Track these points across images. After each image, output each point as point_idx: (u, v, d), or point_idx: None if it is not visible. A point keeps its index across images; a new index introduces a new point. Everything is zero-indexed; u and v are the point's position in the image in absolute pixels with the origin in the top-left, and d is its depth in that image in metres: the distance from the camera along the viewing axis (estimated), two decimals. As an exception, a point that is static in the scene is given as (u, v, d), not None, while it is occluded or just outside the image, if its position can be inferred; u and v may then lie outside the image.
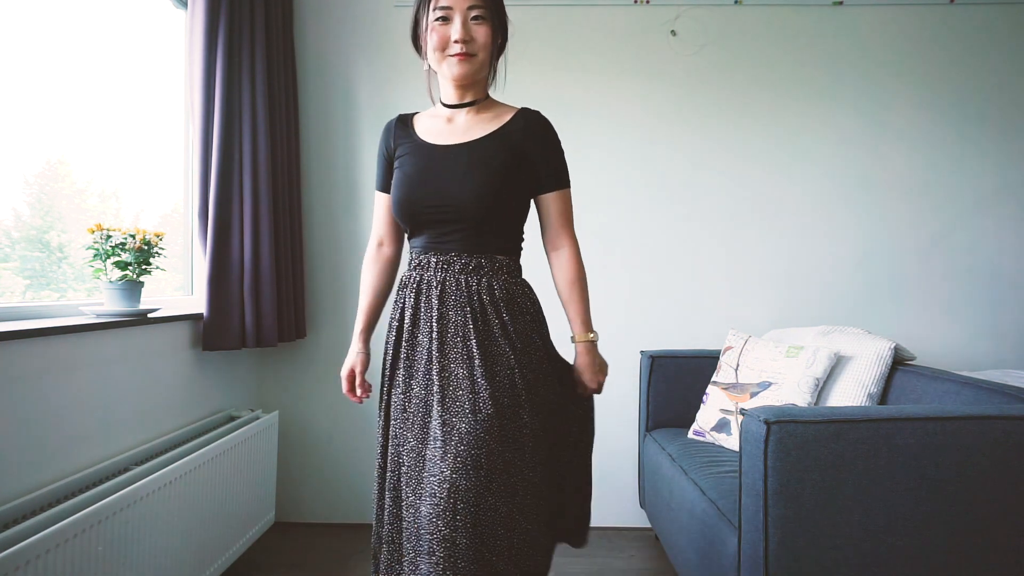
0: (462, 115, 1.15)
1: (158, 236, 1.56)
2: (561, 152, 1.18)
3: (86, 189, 1.65)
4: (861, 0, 2.20)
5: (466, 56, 1.07)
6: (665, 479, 1.72)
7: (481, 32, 1.08)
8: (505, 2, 1.45)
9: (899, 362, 1.65)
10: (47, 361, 1.25)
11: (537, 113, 1.17)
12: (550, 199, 1.17)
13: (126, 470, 1.40)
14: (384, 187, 1.22)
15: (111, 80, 1.69)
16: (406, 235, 1.21)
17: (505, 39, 1.18)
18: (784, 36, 2.22)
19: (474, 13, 1.07)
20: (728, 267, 2.23)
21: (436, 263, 1.11)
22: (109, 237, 1.46)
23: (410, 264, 1.17)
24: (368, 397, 1.24)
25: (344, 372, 1.22)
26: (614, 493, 2.22)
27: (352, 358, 1.22)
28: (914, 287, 2.22)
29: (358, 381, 1.22)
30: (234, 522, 1.71)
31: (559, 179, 1.17)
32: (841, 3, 2.21)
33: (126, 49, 1.76)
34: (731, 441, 1.73)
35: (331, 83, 2.25)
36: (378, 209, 1.25)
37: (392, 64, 2.24)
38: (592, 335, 1.20)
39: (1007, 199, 2.21)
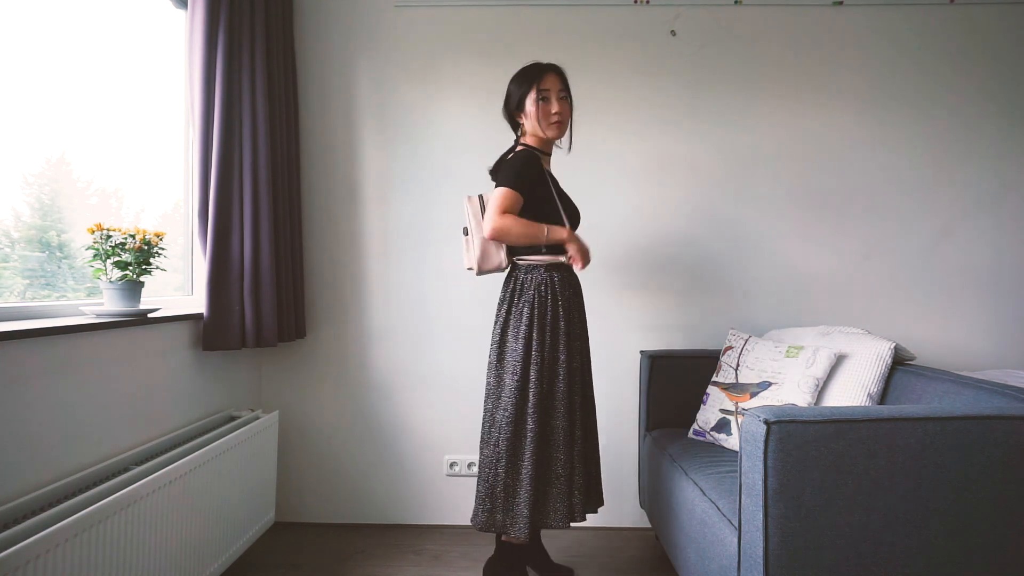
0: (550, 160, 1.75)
1: (158, 236, 1.56)
2: None
3: (86, 189, 1.65)
4: (861, 0, 2.20)
5: (559, 123, 1.63)
6: (665, 479, 1.72)
7: (565, 106, 1.64)
8: (505, 3, 2.23)
9: (899, 362, 1.64)
10: (47, 361, 1.25)
11: None
12: None
13: (126, 470, 1.40)
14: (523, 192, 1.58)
15: (112, 80, 1.69)
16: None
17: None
18: (784, 36, 2.22)
19: (561, 94, 1.63)
20: (728, 267, 2.23)
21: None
22: (109, 237, 1.46)
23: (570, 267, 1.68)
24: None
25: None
26: (614, 493, 2.22)
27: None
28: (914, 287, 2.22)
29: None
30: (234, 522, 1.71)
31: None
32: (841, 3, 2.21)
33: (126, 49, 1.76)
34: (731, 441, 1.73)
35: (331, 83, 2.25)
36: (517, 205, 1.56)
37: (392, 64, 2.24)
38: None
39: (1007, 199, 2.21)
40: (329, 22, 2.25)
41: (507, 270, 1.72)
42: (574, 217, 1.73)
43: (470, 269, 1.69)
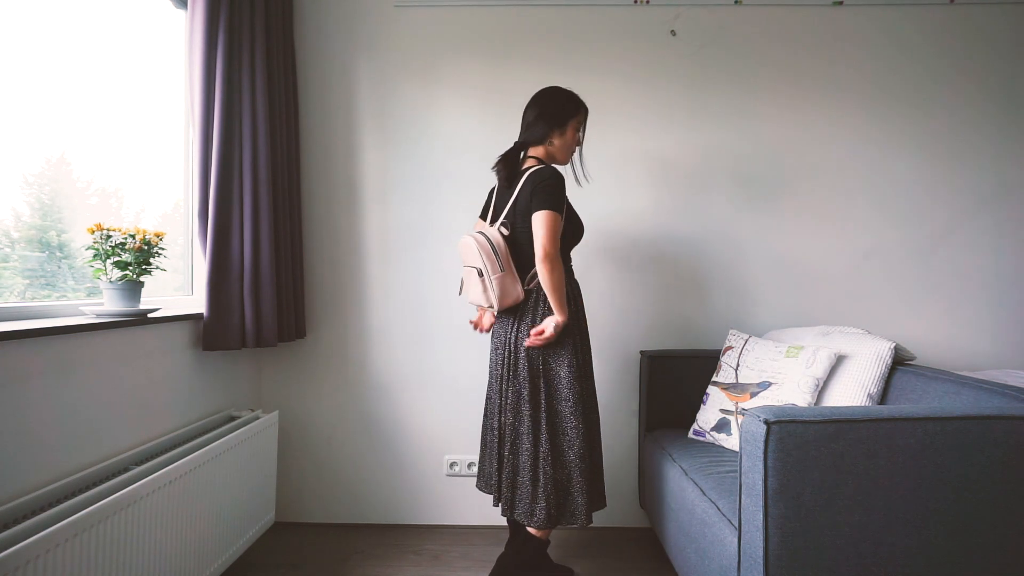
0: None
1: (158, 236, 1.56)
2: None
3: (86, 189, 1.65)
4: (861, 0, 2.20)
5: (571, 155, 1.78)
6: (665, 479, 1.72)
7: None
8: (505, 3, 2.29)
9: (899, 362, 1.65)
10: (47, 361, 1.25)
11: None
12: None
13: (126, 470, 1.40)
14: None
15: (112, 80, 1.69)
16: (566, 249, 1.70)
17: None
18: (784, 36, 2.22)
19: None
20: (728, 267, 2.23)
21: None
22: (109, 237, 1.46)
23: (571, 272, 1.73)
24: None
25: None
26: (614, 493, 2.22)
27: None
28: (914, 287, 2.22)
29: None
30: (234, 522, 1.71)
31: None
32: (841, 3, 2.21)
33: (126, 49, 1.76)
34: (731, 441, 1.73)
35: (331, 83, 2.25)
36: (560, 227, 1.60)
37: (392, 64, 2.24)
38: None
39: (1007, 199, 2.21)
40: (329, 22, 2.25)
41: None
42: (579, 231, 1.74)
43: (488, 307, 1.67)
